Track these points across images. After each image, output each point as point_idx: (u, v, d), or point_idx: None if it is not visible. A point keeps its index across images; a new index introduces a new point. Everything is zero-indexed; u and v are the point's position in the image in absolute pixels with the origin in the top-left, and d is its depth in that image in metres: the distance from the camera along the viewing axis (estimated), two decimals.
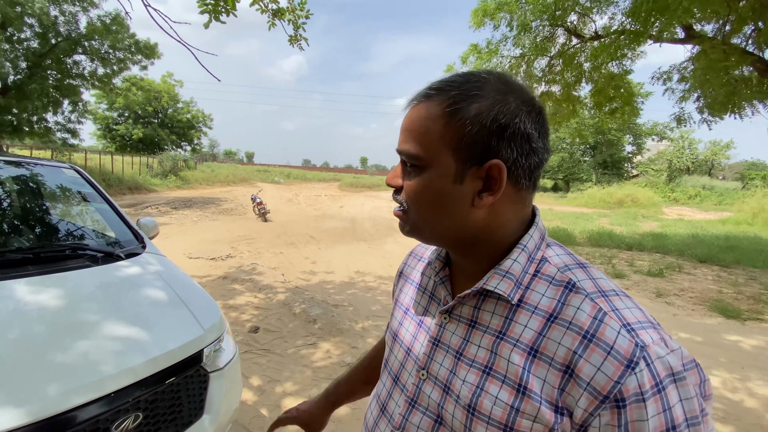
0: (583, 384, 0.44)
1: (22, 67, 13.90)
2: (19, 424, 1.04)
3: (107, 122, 27.33)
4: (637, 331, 0.45)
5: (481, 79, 0.50)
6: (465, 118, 0.48)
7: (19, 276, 1.51)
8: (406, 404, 0.58)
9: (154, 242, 2.32)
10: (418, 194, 0.52)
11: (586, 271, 0.52)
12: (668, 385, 0.43)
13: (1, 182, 2.05)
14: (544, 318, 0.49)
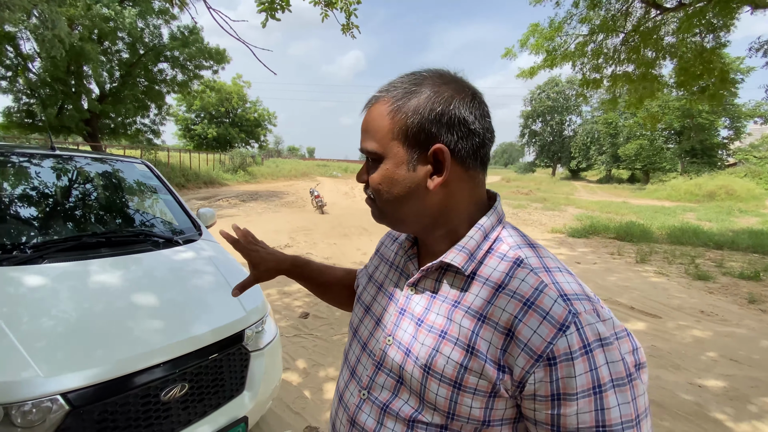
0: (521, 345, 0.50)
1: (116, 76, 15.80)
2: (88, 383, 1.19)
3: (186, 123, 30.21)
4: (572, 301, 0.51)
5: (419, 77, 0.58)
6: (406, 112, 0.56)
7: (93, 257, 1.72)
8: (373, 367, 0.65)
9: (215, 231, 2.51)
10: (380, 183, 0.59)
11: (534, 250, 0.58)
12: (596, 348, 0.48)
13: (82, 175, 2.35)
14: (493, 288, 0.55)
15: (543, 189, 25.34)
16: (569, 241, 8.39)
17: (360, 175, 0.63)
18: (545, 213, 13.11)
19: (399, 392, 0.60)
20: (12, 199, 1.96)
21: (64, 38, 10.16)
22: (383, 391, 0.62)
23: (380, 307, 0.69)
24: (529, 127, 52.27)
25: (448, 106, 0.55)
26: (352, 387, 0.67)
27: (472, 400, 0.53)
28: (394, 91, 0.58)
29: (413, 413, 0.58)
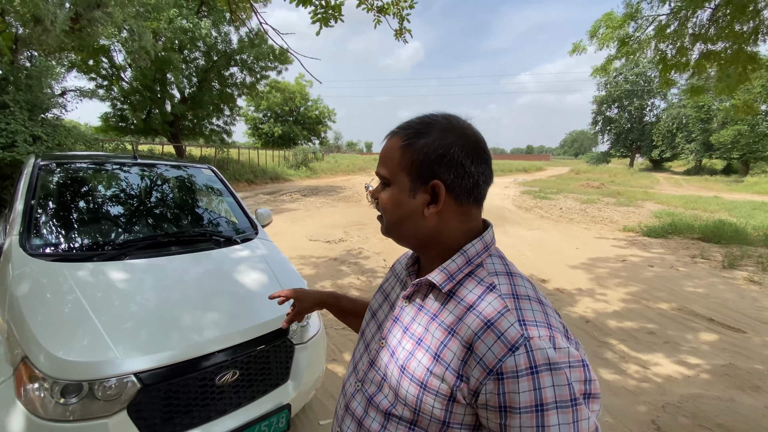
0: (477, 359, 0.58)
1: (193, 81, 17.36)
2: (156, 365, 1.40)
3: (255, 122, 32.37)
4: (528, 326, 0.58)
5: (432, 121, 0.68)
6: (415, 150, 0.67)
7: (165, 255, 1.98)
8: (368, 364, 0.75)
9: (278, 225, 2.72)
10: (387, 203, 0.71)
11: (510, 278, 0.65)
12: (543, 371, 0.54)
13: (158, 181, 2.67)
14: (465, 308, 0.63)
15: (618, 181, 23.25)
16: (643, 241, 7.66)
17: (374, 193, 0.74)
18: (618, 209, 12.04)
19: (382, 388, 0.70)
20: (102, 203, 2.30)
21: (150, 50, 11.40)
22: (372, 385, 0.72)
23: (383, 314, 0.80)
24: (603, 113, 47.98)
25: (449, 150, 0.65)
26: (352, 379, 0.79)
27: (434, 401, 0.61)
28: (408, 129, 0.69)
29: (389, 407, 0.67)
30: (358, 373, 0.77)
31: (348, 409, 0.75)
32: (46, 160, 2.24)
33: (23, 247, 1.73)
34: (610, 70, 7.13)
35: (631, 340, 3.44)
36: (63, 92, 10.24)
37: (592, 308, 4.17)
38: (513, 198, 14.74)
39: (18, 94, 7.69)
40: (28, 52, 8.79)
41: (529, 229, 8.59)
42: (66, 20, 8.46)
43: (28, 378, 1.28)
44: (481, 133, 0.70)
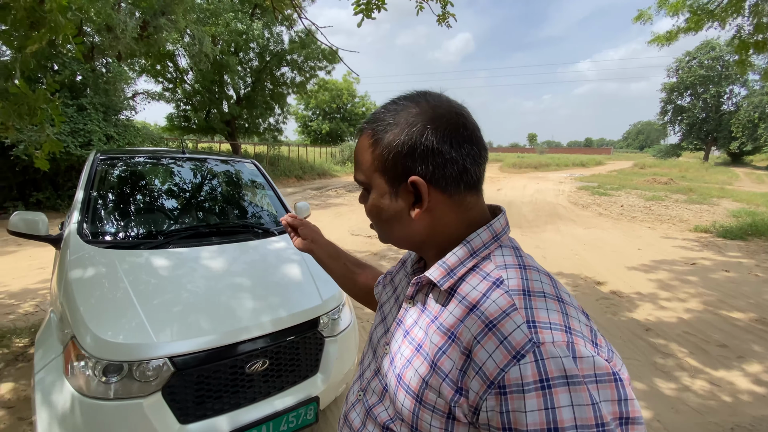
0: (476, 368, 0.48)
1: (248, 82, 18.22)
2: (189, 350, 1.44)
3: (304, 120, 33.40)
4: (539, 329, 0.47)
5: (397, 107, 0.59)
6: (383, 147, 0.58)
7: (206, 244, 2.05)
8: (373, 372, 0.68)
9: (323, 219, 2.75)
10: (370, 211, 0.63)
11: (522, 272, 0.55)
12: (558, 385, 0.43)
13: (202, 174, 2.79)
14: (467, 308, 0.54)
15: (690, 177, 21.07)
16: (717, 243, 6.86)
17: (360, 200, 0.67)
18: (689, 207, 10.89)
19: (383, 398, 0.63)
20: (150, 194, 2.44)
21: (209, 53, 12.12)
22: (373, 395, 0.65)
23: (391, 316, 0.72)
24: (673, 102, 43.56)
25: (420, 138, 0.55)
26: (356, 387, 0.72)
27: (432, 418, 0.53)
28: (374, 124, 0.60)
29: (387, 421, 0.60)
30: (363, 380, 0.70)
31: (346, 420, 0.69)
32: (103, 155, 2.42)
33: (80, 234, 1.88)
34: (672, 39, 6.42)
35: (698, 353, 3.07)
36: (133, 95, 11.21)
37: (655, 315, 3.79)
38: (568, 194, 13.89)
39: (95, 97, 8.51)
40: (104, 59, 9.70)
41: (585, 228, 8.03)
42: (135, 28, 9.22)
43: (75, 356, 1.38)
44: (461, 105, 0.60)
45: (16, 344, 2.85)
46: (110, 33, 8.97)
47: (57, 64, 8.16)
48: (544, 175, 23.52)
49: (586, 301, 4.07)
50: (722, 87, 39.67)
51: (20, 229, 1.97)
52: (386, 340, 0.67)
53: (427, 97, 0.59)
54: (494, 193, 14.24)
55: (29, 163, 7.25)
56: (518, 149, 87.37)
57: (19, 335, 2.96)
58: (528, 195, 13.53)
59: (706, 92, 40.52)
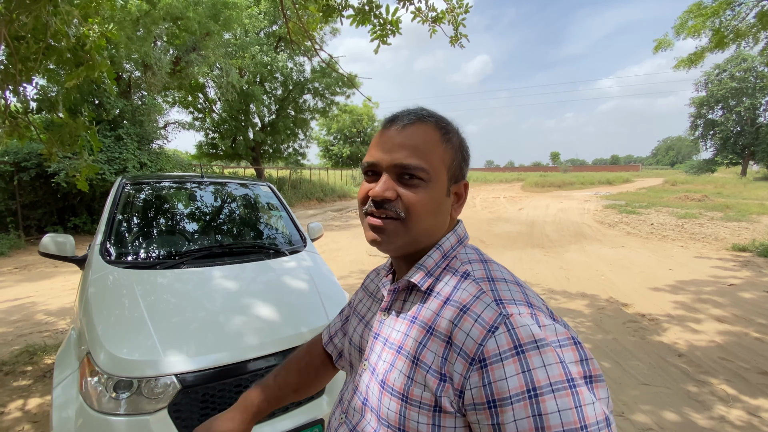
0: (457, 349, 0.52)
1: (272, 109, 18.98)
2: (195, 368, 1.47)
3: (326, 144, 34.29)
4: (506, 305, 0.53)
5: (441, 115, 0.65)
6: (454, 146, 0.64)
7: (217, 264, 2.12)
8: (352, 392, 0.68)
9: (342, 240, 2.80)
10: (425, 204, 0.60)
11: (484, 265, 0.62)
12: (530, 350, 0.47)
13: (219, 196, 2.91)
14: (442, 301, 0.58)
15: (726, 193, 20.05)
16: (757, 263, 6.44)
17: (385, 190, 0.59)
18: (725, 225, 10.33)
19: (365, 413, 0.62)
20: (169, 217, 2.56)
21: (236, 84, 12.76)
22: (355, 414, 0.64)
23: (358, 336, 0.74)
24: (704, 116, 42.04)
25: (468, 152, 0.67)
26: (337, 412, 0.71)
27: (419, 415, 0.53)
28: (440, 121, 0.64)
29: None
30: (343, 403, 0.70)
31: None
32: (127, 180, 2.58)
33: (102, 255, 1.98)
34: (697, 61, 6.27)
35: (737, 380, 2.85)
36: (165, 125, 11.87)
37: (687, 339, 3.56)
38: (593, 213, 13.48)
39: (131, 128, 9.08)
40: (140, 92, 10.40)
41: (611, 248, 7.74)
42: (169, 63, 9.88)
43: (89, 372, 1.44)
44: None
45: (46, 361, 2.99)
46: (147, 69, 9.64)
47: (98, 100, 8.81)
48: (568, 194, 22.97)
49: (612, 324, 3.87)
50: (757, 99, 38.10)
51: (50, 251, 2.10)
52: (363, 356, 0.68)
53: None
54: (516, 212, 13.99)
55: (68, 190, 7.75)
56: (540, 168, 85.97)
57: (49, 352, 3.10)
58: (551, 214, 13.21)
59: (739, 105, 39.00)
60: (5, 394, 2.56)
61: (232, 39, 14.14)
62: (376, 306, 0.74)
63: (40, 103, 2.68)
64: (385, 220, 0.60)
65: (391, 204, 0.59)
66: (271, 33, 17.24)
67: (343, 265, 6.24)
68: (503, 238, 8.86)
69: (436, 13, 4.16)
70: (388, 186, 0.59)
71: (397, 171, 0.59)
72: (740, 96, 38.72)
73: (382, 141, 0.62)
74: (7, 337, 3.54)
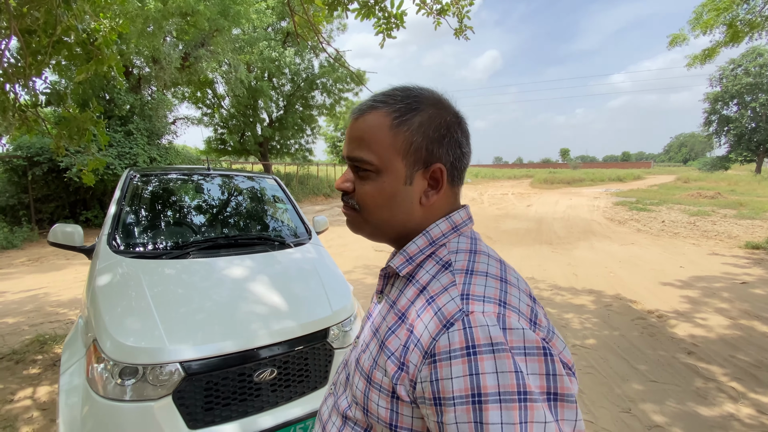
0: (415, 340, 0.50)
1: (280, 105, 19.03)
2: (199, 356, 1.49)
3: (333, 140, 34.36)
4: (471, 301, 0.49)
5: (418, 94, 0.59)
6: (411, 129, 0.57)
7: (224, 255, 2.13)
8: (343, 365, 0.69)
9: (347, 236, 2.80)
10: (374, 196, 0.59)
11: (471, 255, 0.57)
12: (484, 353, 0.44)
13: (225, 189, 2.92)
14: (417, 290, 0.56)
15: (740, 191, 19.64)
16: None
17: (343, 182, 0.62)
18: (739, 222, 10.12)
19: (346, 389, 0.64)
20: (176, 208, 2.58)
21: (244, 80, 12.81)
22: (340, 387, 0.67)
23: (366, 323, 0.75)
24: (718, 112, 41.15)
25: (448, 130, 0.58)
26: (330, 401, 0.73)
27: (379, 398, 0.54)
28: (394, 104, 0.58)
29: (345, 408, 0.61)
30: (336, 376, 0.72)
31: (319, 414, 0.71)
32: (135, 172, 2.60)
33: (109, 244, 2.01)
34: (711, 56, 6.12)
35: (747, 378, 2.80)
36: (174, 120, 11.98)
37: (697, 337, 3.51)
38: (603, 209, 13.31)
39: (140, 123, 9.18)
40: (150, 88, 10.49)
41: (621, 245, 7.64)
42: (178, 59, 9.95)
43: (96, 359, 1.46)
44: None
45: (55, 350, 3.05)
46: (156, 65, 9.72)
47: (109, 95, 8.91)
48: (577, 191, 22.71)
49: (620, 321, 3.83)
50: None
51: (59, 240, 2.14)
52: (358, 333, 0.70)
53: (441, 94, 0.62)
54: (524, 209, 13.87)
55: (80, 185, 7.87)
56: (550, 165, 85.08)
57: (58, 342, 3.16)
58: (560, 211, 13.08)
59: (754, 101, 38.09)
60: (15, 382, 2.62)
61: (240, 34, 14.19)
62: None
63: (50, 96, 2.72)
64: (347, 211, 0.63)
65: (349, 196, 0.62)
66: (279, 29, 17.27)
67: (349, 260, 6.26)
68: (511, 234, 8.80)
69: (441, 5, 4.13)
70: (345, 178, 0.62)
71: (352, 164, 0.60)
72: (755, 92, 37.79)
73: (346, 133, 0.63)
74: (20, 326, 3.62)
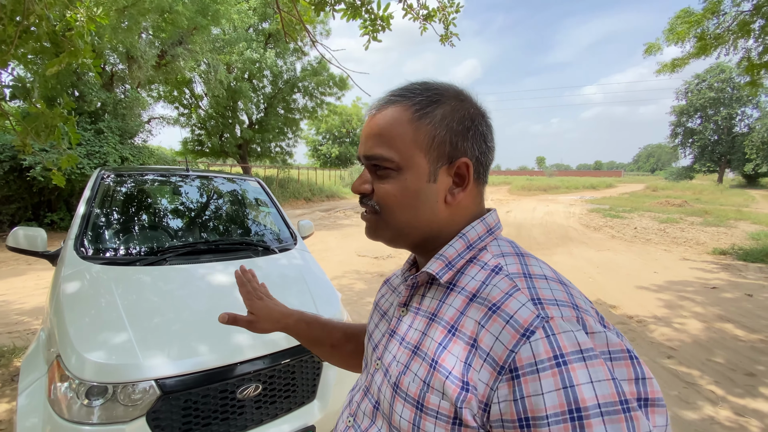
0: (484, 355, 0.44)
1: (261, 107, 18.71)
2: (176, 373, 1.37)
3: (314, 144, 34.01)
4: (546, 305, 0.44)
5: (439, 87, 0.56)
6: (433, 122, 0.53)
7: (202, 262, 2.01)
8: (362, 393, 0.62)
9: (330, 241, 2.70)
10: (396, 196, 0.54)
11: (521, 259, 0.53)
12: (574, 361, 0.40)
13: (205, 191, 2.78)
14: (467, 298, 0.51)
15: (704, 199, 20.64)
16: (737, 266, 6.60)
17: (361, 184, 0.58)
18: (705, 229, 10.59)
19: (375, 418, 0.56)
20: (151, 211, 2.43)
21: (223, 80, 12.52)
22: (365, 418, 0.59)
23: (378, 332, 0.66)
24: (683, 124, 43.32)
25: (473, 122, 0.55)
26: (345, 414, 0.66)
27: (435, 426, 0.46)
28: (414, 97, 0.54)
29: None
30: (351, 405, 0.64)
31: None
32: (107, 171, 2.44)
33: (77, 250, 1.85)
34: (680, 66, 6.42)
35: (725, 382, 2.87)
36: (149, 120, 11.56)
37: (674, 341, 3.59)
38: (579, 216, 13.66)
39: (112, 121, 8.79)
40: (123, 85, 10.08)
41: (597, 251, 7.83)
42: (154, 57, 9.60)
43: (59, 377, 1.32)
44: None
45: (15, 364, 2.81)
46: (131, 62, 9.35)
47: (78, 91, 8.49)
48: (554, 198, 23.29)
49: None
50: (734, 109, 39.45)
51: (19, 245, 1.96)
52: (377, 355, 0.61)
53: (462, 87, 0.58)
54: (503, 215, 14.08)
55: (45, 185, 7.44)
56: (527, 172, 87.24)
57: (18, 354, 2.92)
58: (538, 217, 13.34)
59: (717, 114, 40.32)
60: None
61: (220, 34, 13.89)
62: (395, 299, 0.68)
63: (14, 90, 2.52)
64: (367, 215, 0.59)
65: (368, 198, 0.58)
66: (261, 30, 17.01)
67: (332, 265, 6.14)
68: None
69: (428, 11, 4.13)
70: (363, 180, 0.58)
71: (370, 163, 0.56)
72: (718, 105, 40.04)
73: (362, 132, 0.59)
74: None
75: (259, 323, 0.82)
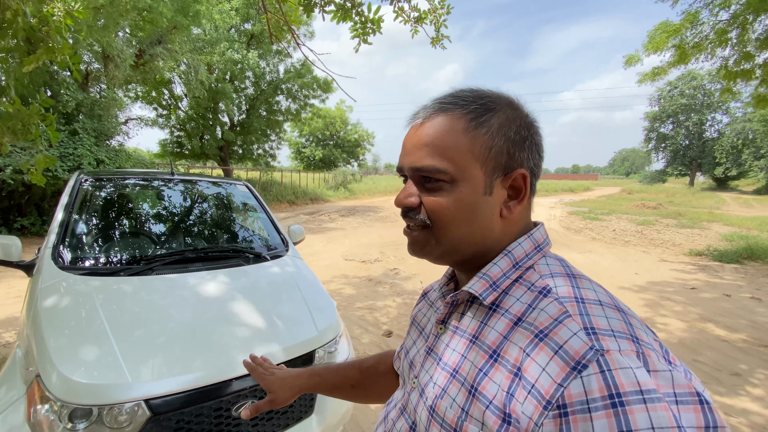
0: (528, 386, 0.41)
1: (243, 109, 18.40)
2: (168, 392, 1.29)
3: (298, 146, 33.68)
4: (601, 336, 0.40)
5: (491, 94, 0.53)
6: (490, 131, 0.50)
7: (192, 271, 1.91)
8: (398, 411, 0.60)
9: (316, 244, 2.62)
10: (451, 209, 0.51)
11: (572, 280, 0.48)
12: (633, 403, 0.35)
13: (192, 196, 2.68)
14: (511, 321, 0.48)
15: (677, 202, 21.42)
16: (713, 267, 6.84)
17: (407, 197, 0.53)
18: (680, 231, 10.97)
19: None
20: (135, 217, 2.32)
21: (204, 81, 12.24)
22: None
23: (415, 349, 0.64)
24: (656, 130, 45.07)
25: (529, 131, 0.52)
26: (380, 430, 0.64)
27: None
28: (467, 105, 0.51)
29: None
30: (387, 422, 0.62)
31: None
32: (87, 176, 2.31)
33: (55, 259, 1.73)
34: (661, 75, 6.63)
35: (711, 382, 2.94)
36: (126, 121, 11.18)
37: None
38: (559, 219, 13.95)
39: (87, 122, 8.45)
40: (99, 85, 9.72)
41: (579, 253, 7.98)
42: (131, 56, 9.30)
43: (39, 398, 1.21)
44: None
45: None
46: (108, 61, 9.03)
47: (52, 91, 8.13)
48: (535, 200, 23.56)
49: None
50: (704, 115, 41.24)
51: None
52: (414, 373, 0.59)
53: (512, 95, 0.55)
54: None
55: (15, 188, 7.08)
56: None
57: None
58: None
59: (688, 120, 42.06)
60: None
61: (201, 34, 13.60)
62: (433, 315, 0.65)
63: None
64: (413, 230, 0.55)
65: (415, 212, 0.54)
66: (243, 31, 16.75)
67: (320, 269, 6.04)
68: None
69: (419, 13, 4.12)
70: (409, 192, 0.54)
71: (417, 175, 0.53)
72: (689, 112, 41.77)
73: (404, 142, 0.55)
74: None
75: (279, 397, 0.79)
